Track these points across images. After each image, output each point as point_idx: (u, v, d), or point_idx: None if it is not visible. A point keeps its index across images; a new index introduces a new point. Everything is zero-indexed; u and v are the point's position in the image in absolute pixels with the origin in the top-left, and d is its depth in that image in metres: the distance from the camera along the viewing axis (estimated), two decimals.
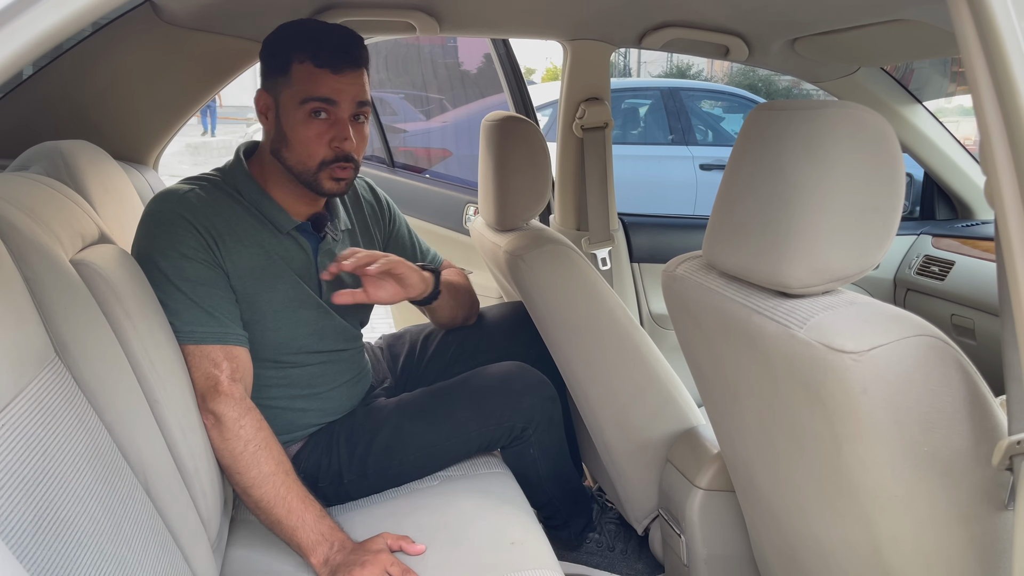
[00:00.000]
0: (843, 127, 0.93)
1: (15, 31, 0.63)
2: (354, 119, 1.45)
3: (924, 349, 0.85)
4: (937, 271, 2.25)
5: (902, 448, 0.88)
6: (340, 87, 1.41)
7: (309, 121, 1.41)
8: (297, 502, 1.33)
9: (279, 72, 1.42)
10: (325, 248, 1.55)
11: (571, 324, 1.68)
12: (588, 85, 2.31)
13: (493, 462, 1.66)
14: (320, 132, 1.42)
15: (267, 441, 1.35)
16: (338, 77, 1.40)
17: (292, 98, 1.41)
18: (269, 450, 1.34)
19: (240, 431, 1.32)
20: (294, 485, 1.34)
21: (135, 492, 1.02)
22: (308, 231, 1.53)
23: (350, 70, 1.42)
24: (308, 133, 1.42)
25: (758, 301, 1.02)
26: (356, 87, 1.43)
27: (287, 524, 1.32)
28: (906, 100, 2.35)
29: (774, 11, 1.77)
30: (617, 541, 1.83)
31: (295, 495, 1.33)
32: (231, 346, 1.37)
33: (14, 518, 0.75)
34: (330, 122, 1.42)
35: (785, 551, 1.25)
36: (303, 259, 1.51)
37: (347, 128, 1.43)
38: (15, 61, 0.64)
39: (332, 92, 1.40)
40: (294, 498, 1.33)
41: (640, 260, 2.55)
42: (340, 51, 1.41)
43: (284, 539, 1.33)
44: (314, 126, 1.42)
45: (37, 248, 1.01)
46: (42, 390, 0.89)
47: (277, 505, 1.32)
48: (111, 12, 0.71)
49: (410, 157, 3.72)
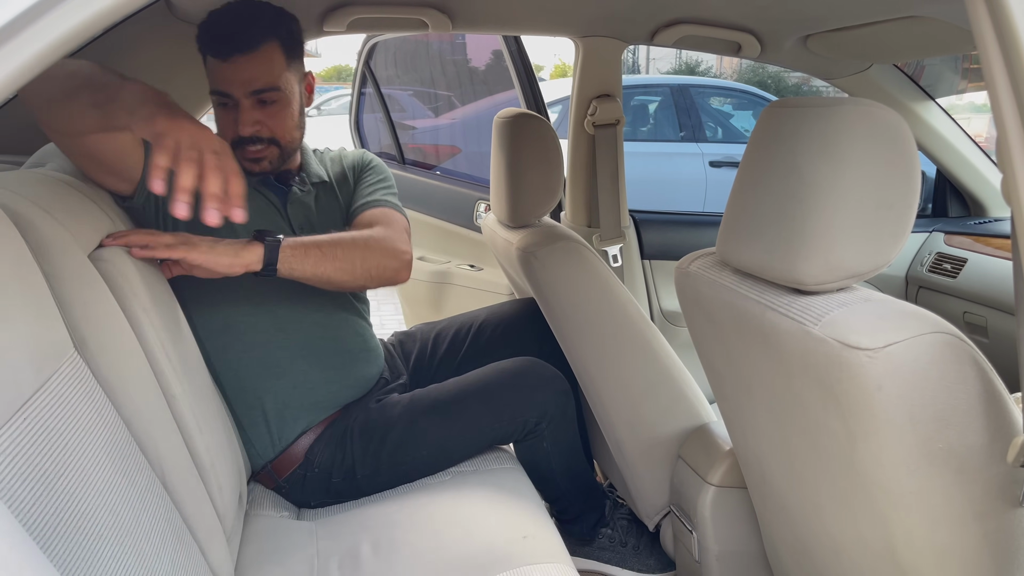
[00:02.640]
0: (859, 124, 0.93)
1: (39, 31, 0.64)
2: (259, 103, 1.47)
3: (940, 346, 0.85)
4: (949, 269, 2.24)
5: (917, 445, 0.88)
6: (229, 75, 1.43)
7: (218, 109, 1.49)
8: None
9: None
10: (294, 199, 1.59)
11: (583, 320, 1.68)
12: (600, 82, 2.31)
13: (505, 457, 1.67)
14: (225, 117, 1.48)
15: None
16: (227, 65, 1.43)
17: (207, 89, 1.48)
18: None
19: None
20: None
21: (153, 486, 1.03)
22: (272, 184, 1.57)
23: (239, 55, 1.42)
24: (220, 122, 1.50)
25: (772, 298, 1.02)
26: (248, 71, 1.43)
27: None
28: (919, 97, 2.34)
29: (787, 8, 1.76)
30: (629, 537, 1.84)
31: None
32: None
33: (36, 510, 0.76)
34: (231, 108, 1.47)
35: (797, 547, 1.26)
36: (271, 210, 1.56)
37: (244, 114, 1.46)
38: (39, 61, 0.65)
39: (223, 83, 1.44)
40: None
41: (651, 257, 2.55)
42: (224, 39, 1.42)
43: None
44: (222, 114, 1.49)
45: (56, 243, 1.01)
46: (62, 384, 0.90)
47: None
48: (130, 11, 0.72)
49: (419, 154, 3.73)
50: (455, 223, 2.88)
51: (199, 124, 1.08)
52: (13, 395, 0.79)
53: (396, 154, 3.41)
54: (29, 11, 0.63)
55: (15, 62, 0.63)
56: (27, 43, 0.64)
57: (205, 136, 1.06)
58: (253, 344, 1.51)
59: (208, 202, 1.02)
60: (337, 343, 1.59)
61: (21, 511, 0.74)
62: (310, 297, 1.54)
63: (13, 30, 0.63)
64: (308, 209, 1.60)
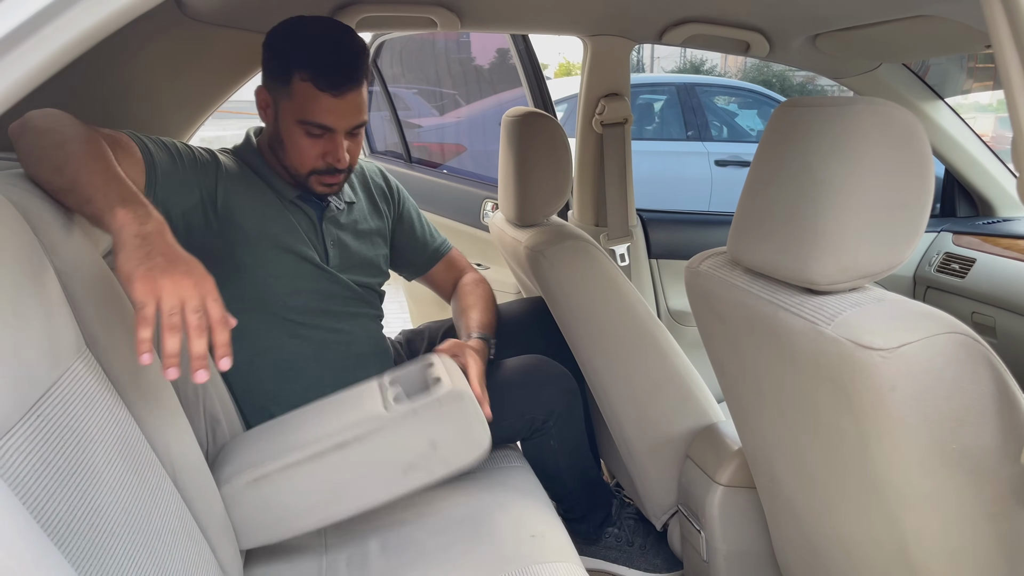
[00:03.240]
0: (872, 124, 0.93)
1: (56, 31, 0.64)
2: (350, 135, 1.48)
3: (954, 346, 0.85)
4: (958, 269, 2.24)
5: (930, 445, 0.88)
6: (339, 111, 1.42)
7: (305, 137, 1.44)
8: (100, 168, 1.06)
9: (279, 79, 1.43)
10: (329, 215, 1.59)
11: (592, 319, 1.68)
12: (608, 81, 2.31)
13: (512, 456, 1.67)
14: (314, 147, 1.45)
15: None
16: (338, 100, 1.41)
17: (290, 112, 1.43)
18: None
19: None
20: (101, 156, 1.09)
21: (164, 484, 1.04)
22: (311, 200, 1.57)
23: (351, 91, 1.42)
24: (303, 146, 1.45)
25: (784, 298, 1.02)
26: (354, 107, 1.44)
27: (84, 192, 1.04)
28: (927, 96, 2.34)
29: (796, 7, 1.76)
30: (636, 536, 1.84)
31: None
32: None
33: (50, 507, 0.76)
34: (325, 140, 1.45)
35: (806, 547, 1.26)
36: (307, 224, 1.55)
37: (341, 148, 1.46)
38: (54, 62, 0.65)
39: (330, 118, 1.42)
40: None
41: (658, 256, 2.55)
42: (342, 73, 1.41)
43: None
44: (309, 142, 1.45)
45: (68, 241, 1.02)
46: (75, 382, 0.90)
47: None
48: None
49: (424, 152, 3.73)
50: (462, 221, 2.88)
51: (178, 272, 0.97)
52: (28, 392, 0.79)
53: (403, 152, 3.41)
54: (44, 12, 0.63)
55: (30, 63, 0.63)
56: (43, 43, 0.64)
57: (186, 289, 0.96)
58: (265, 348, 1.51)
59: (194, 363, 0.96)
60: (349, 347, 1.59)
61: (35, 508, 0.74)
62: (326, 300, 1.55)
63: (29, 30, 0.63)
64: (341, 227, 1.61)
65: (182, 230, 1.39)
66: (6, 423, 0.73)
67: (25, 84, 0.63)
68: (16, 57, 0.62)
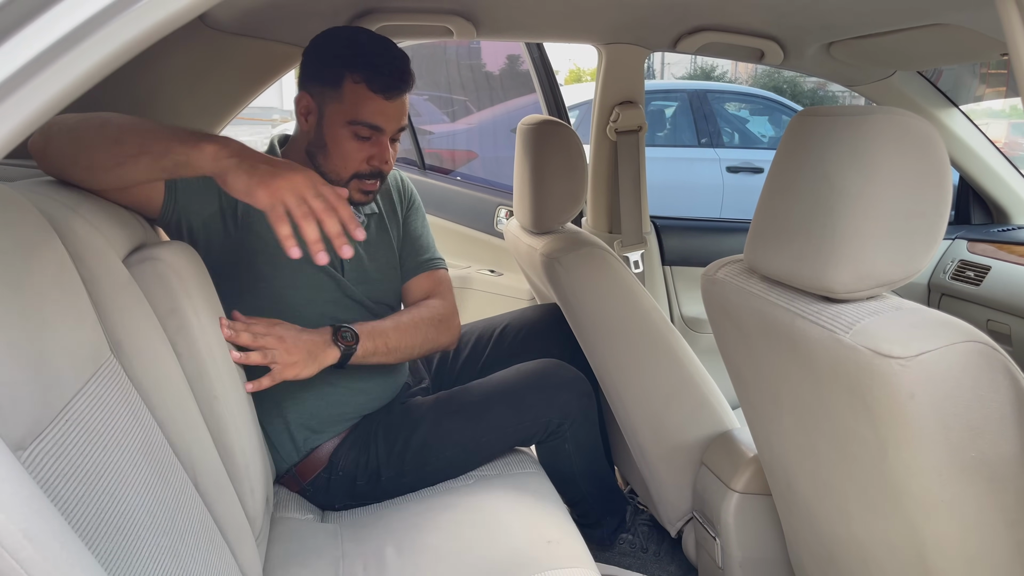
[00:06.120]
0: (890, 133, 0.93)
1: (94, 45, 0.65)
2: (391, 140, 1.49)
3: (973, 355, 0.85)
4: (973, 276, 2.23)
5: (949, 453, 0.88)
6: (390, 113, 1.44)
7: (352, 140, 1.45)
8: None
9: (328, 84, 1.44)
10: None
11: (607, 326, 1.69)
12: (622, 89, 2.32)
13: (527, 461, 1.67)
14: (361, 149, 1.46)
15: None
16: (390, 103, 1.43)
17: (339, 114, 1.44)
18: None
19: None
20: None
21: (186, 487, 1.05)
22: None
23: (400, 95, 1.45)
24: (349, 148, 1.46)
25: (802, 305, 1.03)
26: (402, 111, 1.47)
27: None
28: (942, 103, 2.34)
29: (811, 15, 1.76)
30: (650, 542, 1.84)
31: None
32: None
33: (79, 510, 0.78)
34: (372, 142, 1.46)
35: (823, 554, 1.26)
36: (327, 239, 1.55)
37: (388, 151, 1.47)
38: (90, 77, 0.66)
39: (382, 119, 1.44)
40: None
41: (672, 263, 2.55)
42: (397, 77, 1.43)
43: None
44: (356, 144, 1.45)
45: (93, 249, 1.03)
46: (100, 387, 0.92)
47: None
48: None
49: (436, 159, 3.75)
50: (475, 228, 2.89)
51: (285, 171, 1.10)
52: (56, 397, 0.80)
53: (417, 159, 3.43)
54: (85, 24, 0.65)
55: (68, 77, 0.65)
56: (79, 59, 0.65)
57: (299, 182, 1.10)
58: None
59: (335, 241, 1.11)
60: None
61: (65, 510, 0.75)
62: (344, 310, 1.56)
63: (67, 45, 0.64)
64: (359, 242, 1.61)
65: (202, 239, 1.41)
66: (37, 427, 0.75)
67: (69, 93, 0.65)
68: (60, 67, 0.64)
